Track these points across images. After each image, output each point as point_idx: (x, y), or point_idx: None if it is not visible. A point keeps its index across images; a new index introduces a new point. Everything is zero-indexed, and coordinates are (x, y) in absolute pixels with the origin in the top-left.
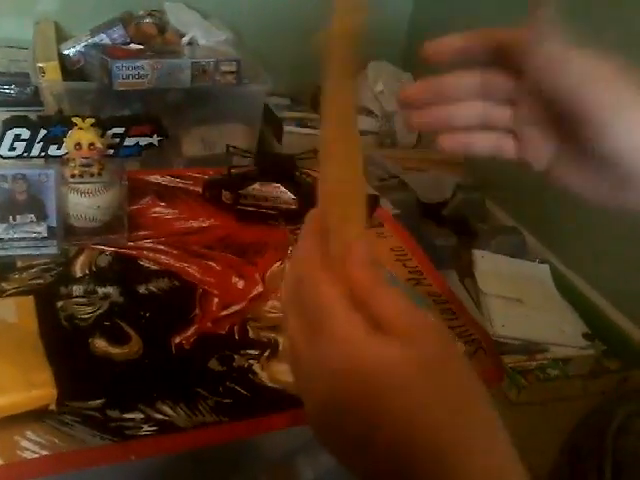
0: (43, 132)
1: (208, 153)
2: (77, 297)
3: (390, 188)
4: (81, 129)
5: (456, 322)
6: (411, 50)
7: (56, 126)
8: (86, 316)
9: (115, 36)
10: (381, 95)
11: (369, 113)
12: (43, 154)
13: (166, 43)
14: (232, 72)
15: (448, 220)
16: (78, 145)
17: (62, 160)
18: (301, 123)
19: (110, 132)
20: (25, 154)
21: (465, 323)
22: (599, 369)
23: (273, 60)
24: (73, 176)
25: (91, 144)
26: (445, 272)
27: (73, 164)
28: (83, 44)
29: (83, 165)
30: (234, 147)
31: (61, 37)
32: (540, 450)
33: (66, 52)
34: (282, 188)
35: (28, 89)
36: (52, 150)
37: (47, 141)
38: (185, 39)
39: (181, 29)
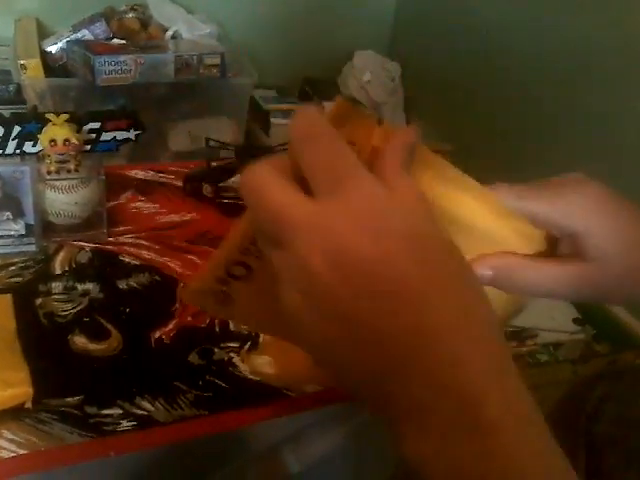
0: (17, 129)
1: (195, 147)
2: (56, 294)
3: None
4: (55, 125)
5: None
6: (397, 39)
7: (30, 123)
8: (65, 313)
9: (97, 32)
10: (368, 85)
11: (356, 104)
12: (18, 151)
13: (149, 38)
14: (216, 65)
15: None
16: (53, 141)
17: (38, 157)
18: (289, 115)
19: (87, 127)
20: (0, 152)
21: None
22: (589, 353)
23: (260, 52)
24: (49, 173)
25: (66, 140)
26: None
27: (49, 160)
28: (65, 40)
29: (59, 161)
30: (214, 140)
31: (43, 33)
32: None
33: (48, 49)
34: None
35: (11, 87)
36: (27, 147)
37: (22, 138)
38: (169, 33)
39: (164, 23)
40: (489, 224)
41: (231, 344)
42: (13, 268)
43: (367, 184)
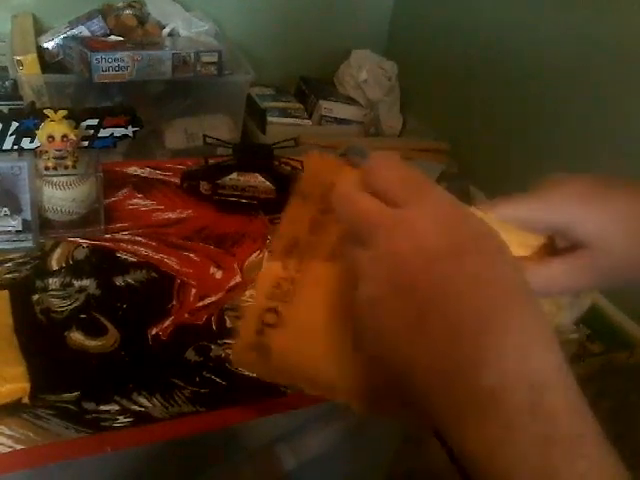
0: (15, 125)
1: (191, 145)
2: (53, 290)
3: None
4: (53, 121)
5: None
6: (394, 38)
7: (28, 118)
8: (62, 309)
9: (94, 28)
10: (365, 84)
11: (353, 102)
12: (16, 147)
13: (146, 35)
14: (213, 63)
15: None
16: (51, 137)
17: (35, 153)
18: (285, 113)
19: (84, 124)
20: None
21: None
22: (583, 353)
23: (257, 50)
24: (47, 169)
25: (64, 136)
26: None
27: (46, 157)
28: (62, 36)
29: (57, 157)
30: (211, 137)
31: (39, 29)
32: None
33: (45, 45)
34: (260, 177)
35: (7, 83)
36: (25, 143)
37: (19, 134)
38: (166, 30)
39: (162, 20)
40: None
41: (228, 341)
42: (10, 264)
43: (436, 195)
